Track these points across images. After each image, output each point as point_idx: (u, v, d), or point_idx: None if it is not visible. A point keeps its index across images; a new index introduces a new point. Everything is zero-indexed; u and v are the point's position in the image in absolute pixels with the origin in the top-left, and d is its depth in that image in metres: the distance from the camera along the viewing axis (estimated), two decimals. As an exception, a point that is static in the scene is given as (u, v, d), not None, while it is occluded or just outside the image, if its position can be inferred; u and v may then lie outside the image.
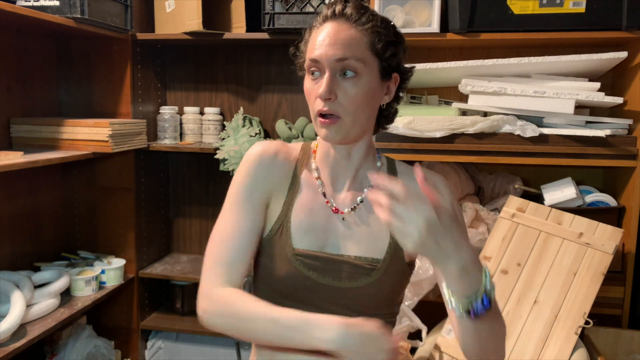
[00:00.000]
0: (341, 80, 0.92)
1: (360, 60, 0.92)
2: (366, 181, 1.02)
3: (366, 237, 0.99)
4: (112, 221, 2.18)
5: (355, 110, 0.93)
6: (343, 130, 0.94)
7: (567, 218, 1.57)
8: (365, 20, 0.94)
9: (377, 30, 0.94)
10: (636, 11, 1.62)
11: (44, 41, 2.05)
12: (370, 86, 0.94)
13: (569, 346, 1.41)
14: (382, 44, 0.94)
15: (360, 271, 0.97)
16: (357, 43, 0.92)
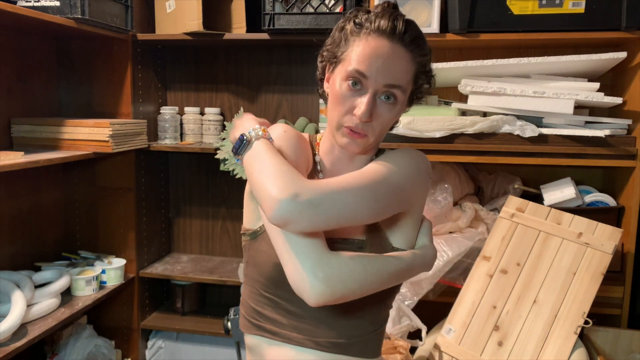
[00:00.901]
0: (380, 103, 0.93)
1: (403, 90, 0.94)
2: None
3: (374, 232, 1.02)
4: (113, 221, 2.18)
5: (382, 130, 0.96)
6: (365, 144, 0.97)
7: (567, 218, 1.57)
8: (419, 52, 0.94)
9: (424, 64, 0.96)
10: (635, 11, 1.62)
11: (44, 41, 2.06)
12: (399, 110, 0.97)
13: (569, 346, 1.41)
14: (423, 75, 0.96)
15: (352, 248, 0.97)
16: (407, 74, 0.93)
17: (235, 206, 2.37)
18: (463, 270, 1.73)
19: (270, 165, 0.88)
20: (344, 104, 0.94)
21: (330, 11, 1.85)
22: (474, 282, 1.59)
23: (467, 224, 1.81)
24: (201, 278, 2.14)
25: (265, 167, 0.88)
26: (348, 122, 0.94)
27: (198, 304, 2.35)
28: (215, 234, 2.42)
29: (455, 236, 1.78)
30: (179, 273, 2.20)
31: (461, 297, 1.59)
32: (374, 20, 0.93)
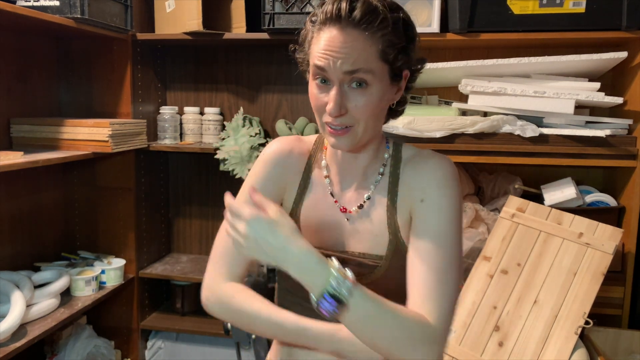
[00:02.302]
0: (350, 91, 0.88)
1: (370, 71, 0.87)
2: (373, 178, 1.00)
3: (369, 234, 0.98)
4: (112, 221, 2.18)
5: (367, 119, 0.90)
6: (354, 138, 0.92)
7: (567, 218, 1.57)
8: (376, 27, 0.87)
9: (389, 38, 0.88)
10: (636, 11, 1.62)
11: (44, 41, 2.05)
12: (381, 93, 0.90)
13: (569, 346, 1.41)
14: (388, 50, 0.88)
15: (365, 268, 0.96)
16: (367, 54, 0.86)
17: (235, 206, 2.36)
18: (463, 271, 1.73)
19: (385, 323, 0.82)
20: (318, 103, 0.91)
21: (330, 11, 1.84)
22: (474, 282, 1.59)
23: (467, 224, 1.81)
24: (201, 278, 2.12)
25: (391, 331, 0.82)
26: (327, 120, 0.91)
27: (198, 304, 2.35)
28: (215, 234, 2.39)
29: (455, 236, 1.78)
30: (179, 273, 2.19)
31: (461, 298, 1.58)
32: (321, 12, 0.90)
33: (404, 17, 0.93)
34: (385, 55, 0.88)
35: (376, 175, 0.99)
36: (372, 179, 0.99)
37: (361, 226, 0.98)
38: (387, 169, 0.99)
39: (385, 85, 0.90)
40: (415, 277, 0.88)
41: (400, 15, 0.91)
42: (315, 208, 1.01)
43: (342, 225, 1.00)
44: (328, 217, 1.00)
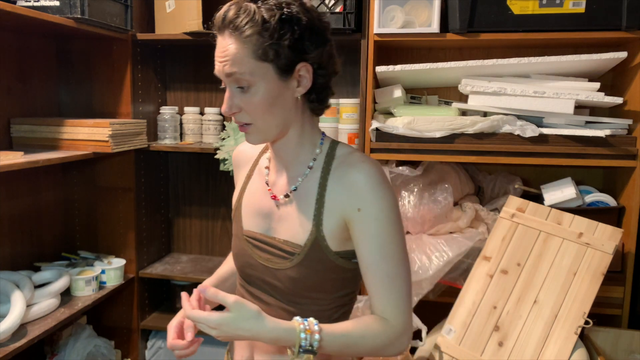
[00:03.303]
0: (237, 92, 0.95)
1: (247, 72, 0.92)
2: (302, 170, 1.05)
3: (293, 222, 1.04)
4: (112, 221, 2.18)
5: (262, 116, 0.96)
6: (259, 134, 0.99)
7: (567, 218, 1.57)
8: (244, 27, 0.91)
9: (257, 36, 0.91)
10: (636, 11, 1.62)
11: (44, 41, 2.05)
12: (269, 91, 0.94)
13: (569, 346, 1.41)
14: (264, 49, 0.91)
15: (285, 254, 1.03)
16: (240, 56, 0.92)
17: (235, 206, 2.36)
18: (463, 271, 1.73)
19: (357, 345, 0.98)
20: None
21: (330, 11, 1.85)
22: (474, 282, 1.59)
23: (467, 224, 1.81)
24: (201, 278, 2.14)
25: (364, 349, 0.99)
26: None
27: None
28: (215, 234, 2.42)
29: (455, 236, 1.78)
30: (179, 273, 2.19)
31: (461, 298, 1.58)
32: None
33: (287, 12, 0.93)
34: (259, 54, 0.92)
35: (305, 167, 1.05)
36: (300, 171, 1.05)
37: (288, 214, 1.05)
38: (318, 163, 1.04)
39: (273, 82, 0.94)
40: (370, 287, 1.00)
41: (277, 12, 0.92)
42: (253, 195, 1.12)
43: (273, 212, 1.07)
44: (262, 203, 1.09)
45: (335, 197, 1.00)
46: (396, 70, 1.81)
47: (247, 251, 1.10)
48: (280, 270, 1.04)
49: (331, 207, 1.00)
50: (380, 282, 0.98)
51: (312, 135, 1.06)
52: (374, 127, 1.79)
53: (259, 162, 1.15)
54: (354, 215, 0.98)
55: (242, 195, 1.14)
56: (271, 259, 1.05)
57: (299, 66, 0.95)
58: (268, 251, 1.06)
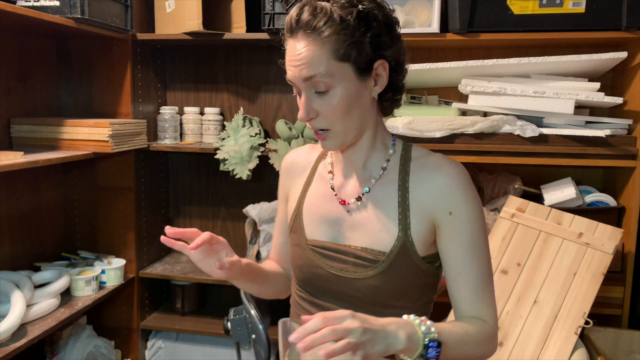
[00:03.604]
0: (315, 97, 0.91)
1: (327, 74, 0.88)
2: (375, 171, 1.01)
3: (372, 228, 0.98)
4: (112, 221, 2.18)
5: (341, 119, 0.92)
6: (337, 139, 0.95)
7: (567, 218, 1.57)
8: (322, 27, 0.87)
9: (337, 36, 0.87)
10: (636, 11, 1.62)
11: (44, 41, 2.05)
12: (349, 92, 0.90)
13: (569, 346, 1.41)
14: (345, 48, 0.88)
15: (365, 263, 0.97)
16: (318, 58, 0.88)
17: (235, 206, 2.37)
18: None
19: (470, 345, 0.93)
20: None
21: (330, 11, 1.84)
22: (474, 282, 1.59)
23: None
24: (201, 278, 2.14)
25: (469, 348, 0.94)
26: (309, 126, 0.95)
27: (198, 304, 2.35)
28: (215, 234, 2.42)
29: (455, 236, 1.78)
30: (179, 273, 2.19)
31: (461, 297, 1.58)
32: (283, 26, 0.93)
33: (363, 8, 0.89)
34: (340, 54, 0.88)
35: (378, 169, 1.00)
36: (373, 173, 1.01)
37: (363, 220, 0.99)
38: (392, 165, 1.00)
39: (352, 83, 0.90)
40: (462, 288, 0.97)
41: (354, 9, 0.88)
42: (316, 201, 1.05)
43: (343, 218, 1.01)
44: (328, 209, 1.02)
45: (422, 200, 0.96)
46: (396, 70, 1.80)
47: (315, 262, 1.02)
48: (360, 280, 0.97)
49: (418, 211, 0.96)
50: (474, 284, 0.96)
51: (384, 136, 1.02)
52: (374, 127, 1.79)
53: (318, 169, 1.09)
54: (444, 218, 0.95)
55: (301, 204, 1.07)
56: (346, 268, 0.99)
57: (376, 64, 0.92)
58: (341, 260, 0.99)
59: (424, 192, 0.96)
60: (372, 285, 0.97)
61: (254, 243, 2.11)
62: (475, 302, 0.97)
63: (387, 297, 0.98)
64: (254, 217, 2.05)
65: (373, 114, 0.98)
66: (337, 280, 0.99)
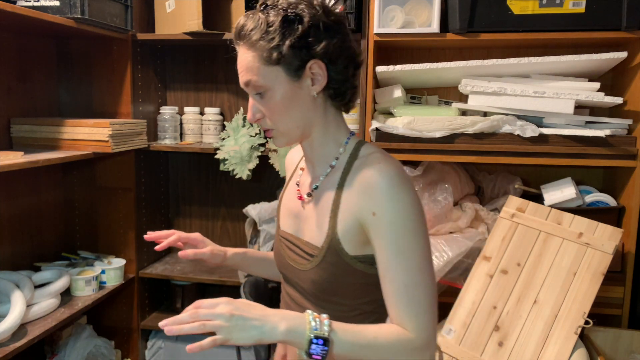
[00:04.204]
0: (259, 100, 0.98)
1: (261, 78, 0.94)
2: (323, 169, 1.05)
3: (313, 223, 1.03)
4: (112, 221, 2.18)
5: (282, 119, 0.98)
6: (282, 137, 1.01)
7: (567, 218, 1.57)
8: (251, 35, 0.94)
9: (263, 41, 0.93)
10: (636, 11, 1.62)
11: (44, 41, 2.05)
12: (284, 94, 0.95)
13: (569, 346, 1.41)
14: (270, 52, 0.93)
15: (307, 256, 1.03)
16: (251, 64, 0.95)
17: (235, 206, 2.37)
18: (463, 271, 1.73)
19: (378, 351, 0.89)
20: None
21: (330, 11, 1.84)
22: (474, 282, 1.59)
23: (467, 224, 1.81)
24: (201, 278, 2.14)
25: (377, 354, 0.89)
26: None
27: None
28: (215, 234, 2.42)
29: (455, 236, 1.78)
30: (179, 273, 2.19)
31: (461, 297, 1.59)
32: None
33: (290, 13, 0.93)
34: (268, 58, 0.93)
35: (327, 167, 1.04)
36: (322, 170, 1.05)
37: (310, 215, 1.05)
38: (340, 163, 1.02)
39: (286, 84, 0.95)
40: (387, 297, 0.93)
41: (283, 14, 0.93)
42: (289, 195, 1.14)
43: (300, 212, 1.08)
44: (293, 204, 1.10)
45: (351, 198, 0.96)
46: (396, 70, 1.81)
47: (281, 251, 1.11)
48: (302, 272, 1.03)
49: (346, 209, 0.97)
50: (396, 292, 0.91)
51: (336, 134, 1.04)
52: (374, 127, 1.79)
53: (299, 165, 1.16)
54: (369, 219, 0.93)
55: (282, 197, 1.17)
56: (297, 260, 1.05)
57: (309, 64, 0.95)
58: (295, 251, 1.06)
59: (353, 191, 0.96)
60: (310, 279, 1.02)
61: (254, 243, 2.10)
62: (397, 309, 0.91)
63: (323, 292, 1.01)
64: (254, 217, 2.05)
65: (319, 112, 1.01)
66: (292, 270, 1.07)
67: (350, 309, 1.01)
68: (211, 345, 0.84)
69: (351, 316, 1.01)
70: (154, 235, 1.17)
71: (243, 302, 0.87)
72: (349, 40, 0.99)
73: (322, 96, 1.00)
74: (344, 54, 0.98)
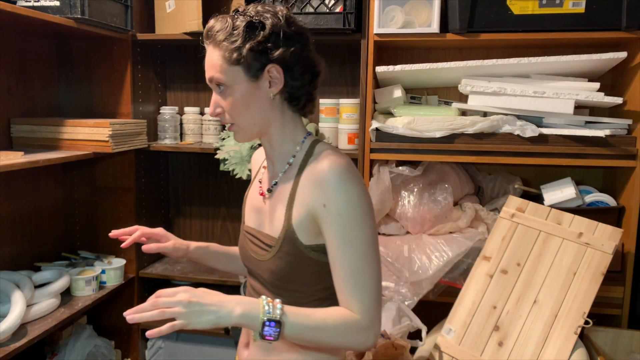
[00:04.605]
0: (220, 96, 1.06)
1: (222, 76, 1.03)
2: (282, 167, 1.12)
3: (272, 216, 1.10)
4: (113, 221, 2.18)
5: (240, 115, 1.06)
6: (241, 132, 1.08)
7: (567, 218, 1.57)
8: (216, 34, 1.04)
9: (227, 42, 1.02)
10: (636, 11, 1.62)
11: (44, 41, 2.06)
12: (242, 92, 1.04)
13: (569, 346, 1.41)
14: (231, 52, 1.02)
15: (266, 247, 1.10)
16: (216, 61, 1.04)
17: (235, 206, 2.37)
18: (463, 270, 1.73)
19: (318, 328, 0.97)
20: None
21: (330, 11, 1.85)
22: (474, 282, 1.59)
23: (467, 224, 1.81)
24: (201, 278, 2.14)
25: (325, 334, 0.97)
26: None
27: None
28: (215, 234, 2.42)
29: (455, 236, 1.78)
30: (179, 273, 2.20)
31: (461, 297, 1.59)
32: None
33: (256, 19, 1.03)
34: (229, 58, 1.02)
35: (285, 164, 1.11)
36: (281, 167, 1.12)
37: (270, 209, 1.12)
38: (297, 161, 1.10)
39: (245, 84, 1.04)
40: (337, 282, 1.02)
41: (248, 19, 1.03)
42: (252, 193, 1.21)
43: (262, 207, 1.15)
44: (256, 200, 1.17)
45: (305, 192, 1.04)
46: (396, 70, 1.81)
47: (245, 244, 1.18)
48: (262, 262, 1.11)
49: (300, 202, 1.04)
50: (344, 278, 1.00)
51: (293, 133, 1.11)
52: (374, 127, 1.79)
53: (262, 164, 1.23)
54: (320, 211, 1.01)
55: (247, 194, 1.24)
56: (257, 251, 1.13)
57: (267, 67, 1.03)
58: (256, 244, 1.14)
59: (306, 185, 1.04)
60: (269, 268, 1.09)
61: (254, 243, 2.11)
62: (344, 293, 1.00)
63: (281, 281, 1.09)
64: (254, 217, 2.05)
65: (276, 112, 1.08)
66: (254, 262, 1.14)
67: (306, 296, 1.09)
68: (170, 330, 0.90)
69: (307, 302, 1.08)
70: (118, 232, 1.27)
71: (201, 290, 0.94)
72: (307, 50, 1.07)
73: (279, 98, 1.07)
74: (301, 62, 1.06)
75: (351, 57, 2.12)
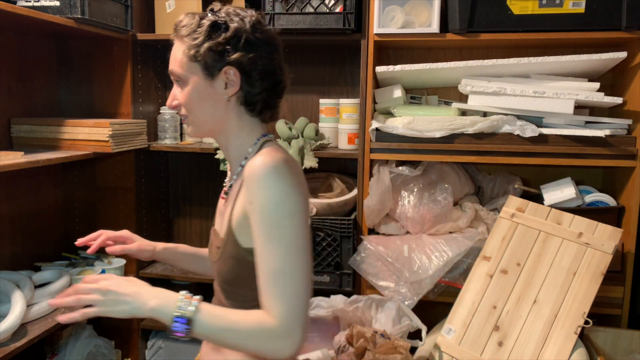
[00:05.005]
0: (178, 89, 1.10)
1: (182, 69, 1.06)
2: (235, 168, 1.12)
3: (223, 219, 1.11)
4: (113, 221, 2.18)
5: (191, 110, 1.07)
6: (193, 126, 1.10)
7: (567, 218, 1.57)
8: (181, 29, 1.07)
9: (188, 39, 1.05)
10: (635, 11, 1.63)
11: (44, 41, 2.05)
12: (197, 88, 1.06)
13: (569, 346, 1.41)
14: (193, 49, 1.04)
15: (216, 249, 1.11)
16: (178, 55, 1.08)
17: (235, 206, 2.37)
18: (463, 270, 1.73)
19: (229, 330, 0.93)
20: None
21: (330, 11, 1.85)
22: (474, 282, 1.59)
23: (467, 224, 1.81)
24: (201, 278, 2.14)
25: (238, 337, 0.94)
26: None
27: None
28: (215, 234, 2.42)
29: (455, 236, 1.78)
30: (179, 273, 2.19)
31: (461, 297, 1.59)
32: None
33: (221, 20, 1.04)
34: (188, 54, 1.05)
35: (238, 166, 1.11)
36: (236, 170, 1.12)
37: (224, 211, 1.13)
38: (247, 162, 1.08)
39: (201, 81, 1.05)
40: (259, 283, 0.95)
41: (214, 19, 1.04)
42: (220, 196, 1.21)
43: (222, 209, 1.16)
44: (220, 201, 1.18)
45: (242, 192, 1.03)
46: (396, 70, 1.81)
47: (210, 246, 1.20)
48: (214, 264, 1.13)
49: (238, 202, 1.04)
50: (264, 279, 0.93)
51: (248, 137, 1.10)
52: (373, 127, 1.79)
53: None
54: (248, 208, 0.98)
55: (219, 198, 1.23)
56: (212, 253, 1.15)
57: (225, 69, 1.03)
58: (213, 245, 1.16)
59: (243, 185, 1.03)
60: (217, 271, 1.11)
61: (254, 243, 2.11)
62: (264, 295, 0.94)
63: (225, 283, 1.09)
64: (254, 217, 2.05)
65: (232, 114, 1.08)
66: (211, 263, 1.16)
67: (249, 300, 1.03)
68: (82, 317, 0.93)
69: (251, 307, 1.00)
70: (83, 240, 1.27)
71: (123, 279, 0.96)
72: (270, 59, 1.06)
73: (235, 101, 1.07)
74: (259, 69, 1.05)
75: (351, 57, 2.12)
